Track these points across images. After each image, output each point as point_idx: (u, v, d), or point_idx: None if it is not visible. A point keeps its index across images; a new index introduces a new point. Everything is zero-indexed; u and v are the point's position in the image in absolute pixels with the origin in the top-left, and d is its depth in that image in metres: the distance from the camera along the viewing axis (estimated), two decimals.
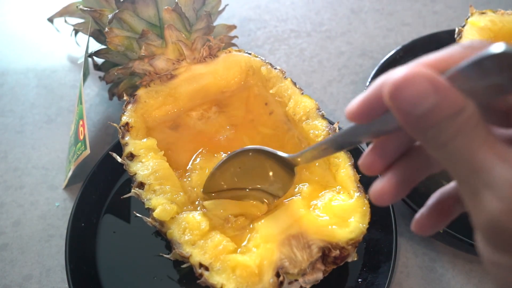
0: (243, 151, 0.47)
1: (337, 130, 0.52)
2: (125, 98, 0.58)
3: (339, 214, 0.45)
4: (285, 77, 0.59)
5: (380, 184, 0.30)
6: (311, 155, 0.39)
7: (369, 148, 0.32)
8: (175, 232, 0.45)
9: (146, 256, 0.56)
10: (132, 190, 0.49)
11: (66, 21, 0.76)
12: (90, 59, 0.72)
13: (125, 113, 0.55)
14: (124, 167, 0.51)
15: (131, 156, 0.50)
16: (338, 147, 0.35)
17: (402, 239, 0.60)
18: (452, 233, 0.54)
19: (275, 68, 0.60)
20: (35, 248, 0.60)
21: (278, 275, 0.41)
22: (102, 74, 0.69)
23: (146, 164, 0.49)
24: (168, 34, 0.57)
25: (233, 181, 0.49)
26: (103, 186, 0.62)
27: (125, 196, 0.52)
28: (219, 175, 0.49)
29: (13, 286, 0.57)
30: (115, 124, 0.55)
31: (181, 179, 0.52)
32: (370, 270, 0.53)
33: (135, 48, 0.60)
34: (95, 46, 0.68)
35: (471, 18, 0.67)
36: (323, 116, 0.54)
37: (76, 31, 0.75)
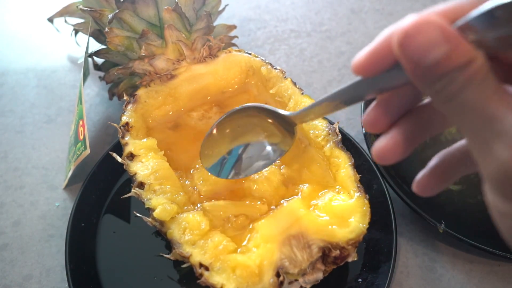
0: (242, 108, 0.44)
1: (337, 130, 0.52)
2: (125, 98, 0.58)
3: (339, 214, 0.45)
4: (285, 77, 0.59)
5: (383, 142, 0.30)
6: (312, 112, 0.37)
7: (373, 104, 0.31)
8: (175, 232, 0.45)
9: (146, 256, 0.56)
10: (132, 190, 0.49)
11: (66, 21, 0.76)
12: (90, 59, 0.72)
13: (125, 113, 0.55)
14: (124, 167, 0.51)
15: (131, 156, 0.50)
16: (341, 102, 0.33)
17: (402, 239, 0.60)
18: (452, 233, 0.54)
19: (275, 68, 0.60)
20: (35, 248, 0.60)
21: (278, 275, 0.41)
22: (102, 74, 0.69)
23: (146, 164, 0.49)
24: (168, 34, 0.57)
25: (231, 140, 0.47)
26: (103, 186, 0.62)
27: (125, 196, 0.52)
28: (217, 135, 0.46)
29: (13, 286, 0.57)
30: (115, 124, 0.55)
31: (181, 179, 0.52)
32: (370, 270, 0.53)
33: (135, 48, 0.60)
34: (95, 46, 0.68)
35: None
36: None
37: (76, 31, 0.75)
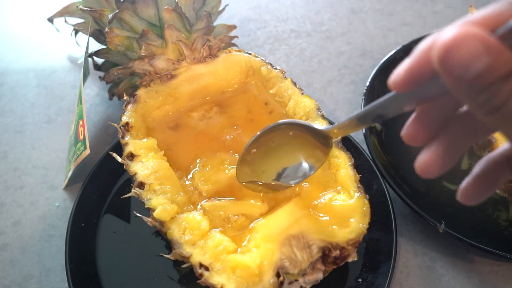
0: (276, 125, 0.45)
1: None
2: (125, 98, 0.58)
3: (339, 214, 0.45)
4: (285, 77, 0.59)
5: (427, 155, 0.30)
6: (348, 126, 0.37)
7: (412, 117, 0.31)
8: (175, 232, 0.45)
9: (146, 256, 0.56)
10: (132, 190, 0.49)
11: (66, 21, 0.76)
12: (90, 59, 0.72)
13: (125, 113, 0.55)
14: (124, 167, 0.51)
15: (131, 156, 0.50)
16: (377, 117, 0.32)
17: (402, 239, 0.60)
18: (452, 233, 0.54)
19: (275, 68, 0.60)
20: (35, 248, 0.60)
21: (278, 275, 0.41)
22: (102, 74, 0.69)
23: (146, 164, 0.49)
24: (168, 34, 0.57)
25: (268, 158, 0.48)
26: (103, 186, 0.62)
27: (125, 196, 0.52)
28: (253, 153, 0.47)
29: (13, 286, 0.57)
30: (115, 124, 0.55)
31: (181, 179, 0.52)
32: (370, 270, 0.53)
33: (135, 48, 0.60)
34: (95, 46, 0.68)
35: None
36: (323, 116, 0.54)
37: (76, 31, 0.75)
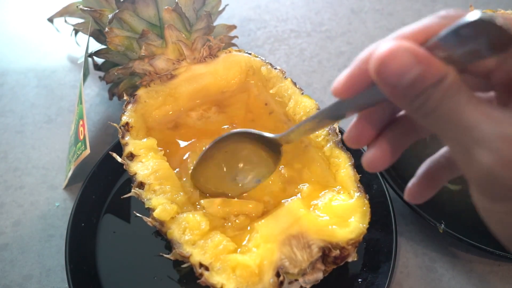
0: (229, 135, 0.48)
1: (337, 130, 0.52)
2: (125, 98, 0.58)
3: (339, 214, 0.45)
4: (285, 77, 0.59)
5: (371, 152, 0.32)
6: (297, 133, 0.40)
7: (354, 120, 0.33)
8: (175, 232, 0.45)
9: (146, 256, 0.56)
10: (132, 190, 0.49)
11: (66, 21, 0.76)
12: (90, 59, 0.72)
13: (125, 113, 0.55)
14: (124, 167, 0.51)
15: (131, 156, 0.50)
16: (321, 120, 0.35)
17: (402, 239, 0.60)
18: (452, 233, 0.54)
19: (275, 68, 0.60)
20: (35, 248, 0.60)
21: (278, 275, 0.41)
22: (102, 74, 0.69)
23: (146, 164, 0.49)
24: (168, 34, 0.57)
25: (220, 166, 0.50)
26: (103, 186, 0.62)
27: (125, 196, 0.52)
28: (206, 162, 0.50)
29: (13, 286, 0.57)
30: (115, 124, 0.55)
31: (181, 180, 0.52)
32: (370, 270, 0.53)
33: (135, 48, 0.60)
34: (95, 46, 0.68)
35: None
36: None
37: (76, 31, 0.75)
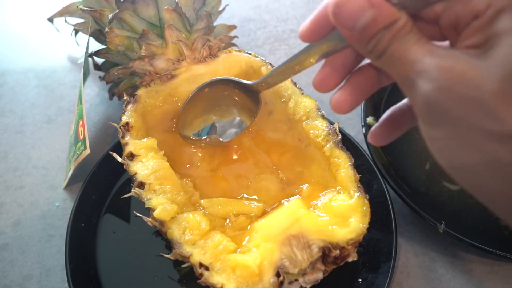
0: (212, 82, 0.52)
1: (337, 130, 0.52)
2: (125, 98, 0.58)
3: (339, 214, 0.45)
4: None
5: (338, 94, 0.36)
6: (271, 79, 0.44)
7: (321, 67, 0.36)
8: (175, 232, 0.45)
9: (146, 256, 0.56)
10: (132, 190, 0.49)
11: (66, 21, 0.76)
12: (90, 59, 0.72)
13: (125, 113, 0.55)
14: (124, 167, 0.51)
15: (131, 156, 0.50)
16: (293, 67, 0.38)
17: (402, 239, 0.60)
18: (452, 233, 0.54)
19: None
20: (35, 248, 0.60)
21: (278, 275, 0.41)
22: (102, 74, 0.69)
23: (146, 164, 0.49)
24: (168, 34, 0.57)
25: (205, 112, 0.54)
26: (103, 186, 0.62)
27: (125, 196, 0.52)
28: (191, 108, 0.54)
29: (13, 286, 0.57)
30: (115, 124, 0.55)
31: (181, 180, 0.52)
32: (370, 270, 0.53)
33: (135, 48, 0.60)
34: (95, 46, 0.68)
35: None
36: (323, 116, 0.54)
37: (76, 31, 0.75)
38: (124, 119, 0.54)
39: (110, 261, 0.56)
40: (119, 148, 0.55)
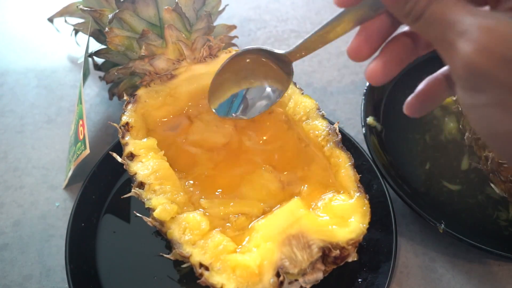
0: (244, 51, 0.50)
1: (337, 130, 0.52)
2: (125, 98, 0.58)
3: (339, 214, 0.45)
4: None
5: (373, 64, 0.35)
6: (304, 46, 0.43)
7: (356, 34, 0.35)
8: (175, 232, 0.45)
9: (146, 256, 0.56)
10: (132, 190, 0.49)
11: (66, 21, 0.76)
12: (90, 59, 0.72)
13: (125, 113, 0.55)
14: (124, 167, 0.51)
15: (131, 156, 0.50)
16: (327, 34, 0.38)
17: (402, 239, 0.60)
18: (452, 233, 0.54)
19: None
20: (35, 248, 0.60)
21: (278, 275, 0.41)
22: (102, 74, 0.69)
23: (146, 164, 0.49)
24: (168, 34, 0.57)
25: (235, 83, 0.53)
26: (103, 186, 0.62)
27: (125, 196, 0.52)
28: (222, 78, 0.53)
29: (13, 286, 0.57)
30: (115, 124, 0.55)
31: (181, 180, 0.52)
32: (370, 270, 0.53)
33: (135, 48, 0.60)
34: (95, 46, 0.68)
35: None
36: (323, 116, 0.54)
37: (76, 31, 0.75)
38: (124, 119, 0.54)
39: (110, 261, 0.56)
40: (119, 148, 0.55)
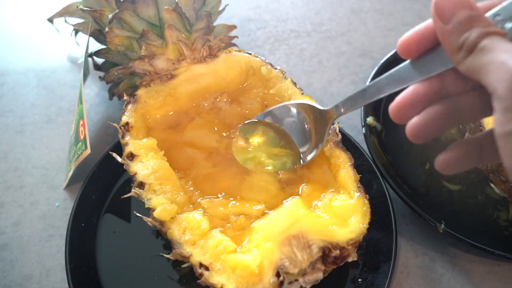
0: (283, 105, 0.52)
1: (337, 130, 0.52)
2: (125, 98, 0.58)
3: (340, 214, 0.45)
4: (285, 77, 0.59)
5: (417, 119, 0.34)
6: (349, 104, 0.42)
7: (404, 92, 0.35)
8: (175, 232, 0.45)
9: (146, 256, 0.56)
10: (132, 190, 0.49)
11: (66, 21, 0.76)
12: (90, 59, 0.72)
13: (125, 113, 0.55)
14: (124, 167, 0.51)
15: (131, 156, 0.50)
16: (377, 92, 0.37)
17: (402, 239, 0.60)
18: (452, 233, 0.54)
19: (275, 68, 0.60)
20: (35, 248, 0.60)
21: (278, 275, 0.41)
22: (102, 74, 0.69)
23: (146, 164, 0.49)
24: (168, 34, 0.57)
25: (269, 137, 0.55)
26: (103, 186, 0.62)
27: (125, 196, 0.52)
28: (254, 129, 0.55)
29: (13, 286, 0.57)
30: (115, 124, 0.55)
31: (181, 180, 0.52)
32: (370, 270, 0.53)
33: (135, 48, 0.60)
34: (95, 46, 0.68)
35: None
36: None
37: (76, 31, 0.75)
38: (124, 119, 0.54)
39: (110, 261, 0.56)
40: (119, 148, 0.55)
